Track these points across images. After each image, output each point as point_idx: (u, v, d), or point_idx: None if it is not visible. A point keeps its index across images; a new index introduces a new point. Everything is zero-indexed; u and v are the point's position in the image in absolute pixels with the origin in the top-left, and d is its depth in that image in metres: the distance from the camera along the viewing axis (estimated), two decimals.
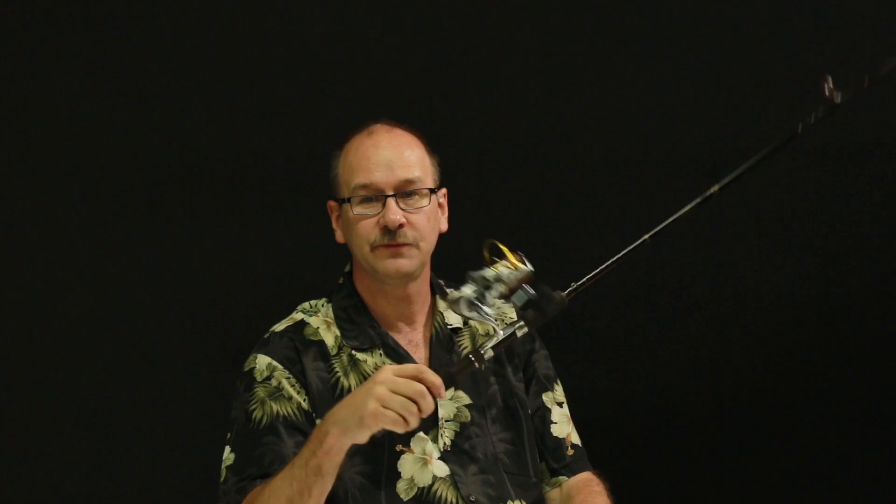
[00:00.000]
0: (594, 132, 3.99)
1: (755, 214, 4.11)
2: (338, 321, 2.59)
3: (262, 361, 2.53)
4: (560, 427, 2.67)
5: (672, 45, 3.97)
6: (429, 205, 2.54)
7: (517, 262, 2.30)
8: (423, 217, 2.53)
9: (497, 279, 2.29)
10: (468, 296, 2.30)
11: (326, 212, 2.62)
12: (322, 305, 2.62)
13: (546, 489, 2.64)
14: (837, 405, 4.13)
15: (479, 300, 2.30)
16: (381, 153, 2.54)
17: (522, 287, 2.30)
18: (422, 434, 2.51)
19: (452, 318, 2.64)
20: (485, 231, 3.77)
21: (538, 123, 3.99)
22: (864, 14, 4.01)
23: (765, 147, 2.37)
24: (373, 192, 2.52)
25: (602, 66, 3.97)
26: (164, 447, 3.84)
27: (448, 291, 2.68)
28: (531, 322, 2.30)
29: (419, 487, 2.49)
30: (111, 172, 3.83)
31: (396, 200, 2.52)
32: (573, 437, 2.69)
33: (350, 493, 2.46)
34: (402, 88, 3.86)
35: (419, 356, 2.58)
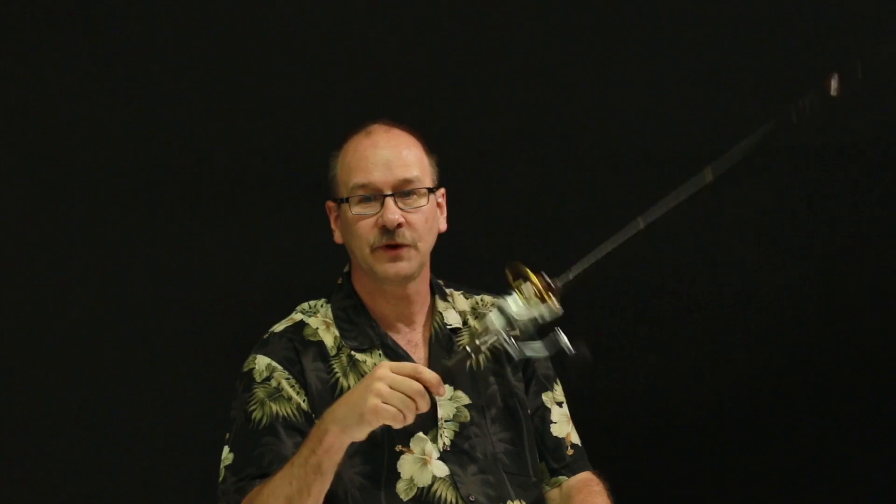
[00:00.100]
0: (594, 132, 3.99)
1: (755, 214, 4.11)
2: (337, 322, 2.58)
3: (262, 362, 2.53)
4: (560, 427, 2.66)
5: (672, 46, 3.97)
6: (427, 204, 2.54)
7: (543, 291, 2.28)
8: (422, 217, 2.53)
9: (523, 317, 2.27)
10: (495, 328, 2.29)
11: (325, 212, 2.62)
12: (321, 306, 2.62)
13: (546, 489, 2.64)
14: (837, 405, 4.12)
15: (507, 332, 2.29)
16: (380, 153, 2.54)
17: (555, 333, 2.28)
18: (421, 434, 2.51)
19: (452, 319, 2.64)
20: (485, 231, 3.78)
21: (538, 123, 3.98)
22: (864, 14, 4.01)
23: (759, 132, 2.35)
24: (371, 192, 2.52)
25: (602, 66, 3.97)
26: (164, 447, 3.84)
27: (448, 292, 2.68)
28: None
29: (419, 488, 2.49)
30: (111, 172, 3.83)
31: (395, 200, 2.51)
32: (573, 437, 2.69)
33: (350, 494, 2.46)
34: (402, 88, 3.86)
35: (418, 356, 2.57)
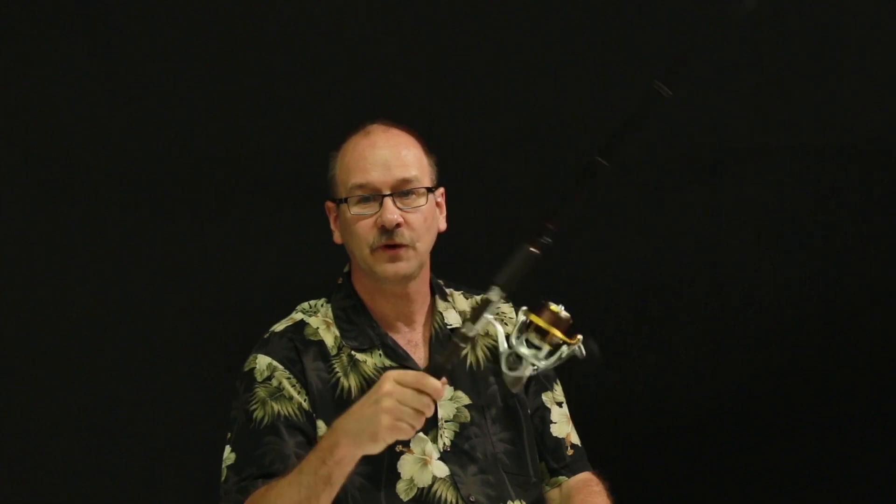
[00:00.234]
0: (594, 132, 3.99)
1: (755, 214, 4.11)
2: (337, 321, 2.58)
3: (263, 361, 2.53)
4: (559, 427, 2.66)
5: (671, 45, 3.97)
6: (426, 204, 2.54)
7: (561, 336, 2.27)
8: (420, 217, 2.53)
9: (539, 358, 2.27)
10: (506, 352, 2.28)
11: (325, 212, 2.62)
12: (321, 305, 2.62)
13: (546, 489, 2.64)
14: (837, 405, 4.12)
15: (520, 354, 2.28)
16: (378, 153, 2.53)
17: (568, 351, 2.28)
18: (421, 434, 2.50)
19: (452, 318, 2.63)
20: (485, 231, 3.78)
21: (538, 123, 3.98)
22: (865, 13, 4.01)
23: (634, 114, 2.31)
24: (370, 192, 2.52)
25: (602, 66, 3.97)
26: (165, 447, 3.84)
27: (448, 292, 2.68)
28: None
29: (419, 488, 2.49)
30: (111, 172, 3.83)
31: (393, 200, 2.51)
32: (573, 437, 2.68)
33: (350, 494, 2.46)
34: (402, 88, 3.86)
35: (418, 356, 2.57)
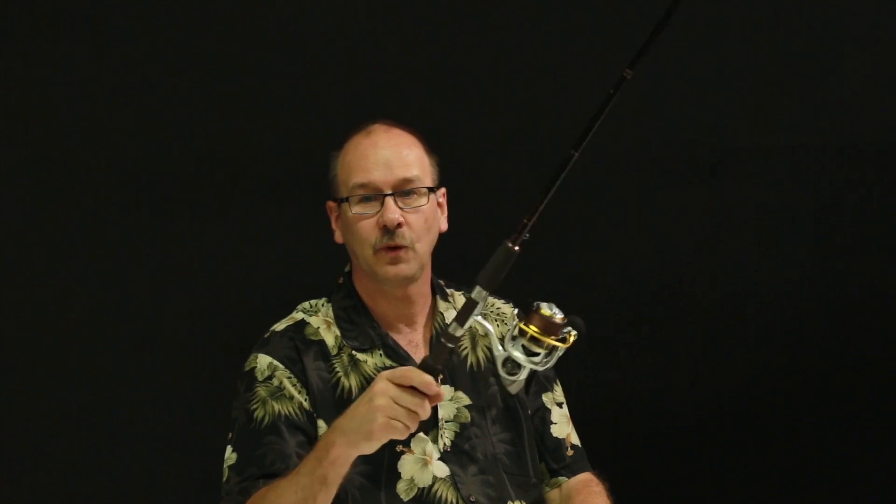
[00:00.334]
0: (594, 133, 3.98)
1: (755, 214, 4.11)
2: (338, 321, 2.58)
3: (263, 361, 2.52)
4: (560, 427, 2.66)
5: (671, 45, 3.96)
6: (427, 204, 2.54)
7: (555, 342, 2.25)
8: (422, 217, 2.53)
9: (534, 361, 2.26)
10: (502, 355, 2.28)
11: (326, 212, 2.61)
12: (322, 305, 2.62)
13: (546, 490, 2.64)
14: (837, 405, 4.12)
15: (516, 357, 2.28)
16: (380, 152, 2.53)
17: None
18: (422, 435, 2.50)
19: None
20: (485, 231, 3.78)
21: (538, 123, 3.98)
22: (865, 13, 4.01)
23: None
24: (371, 192, 2.52)
25: (602, 66, 3.96)
26: (164, 447, 3.84)
27: (449, 292, 2.68)
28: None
29: (419, 488, 2.49)
30: (111, 172, 3.83)
31: (395, 199, 2.51)
32: (573, 438, 2.68)
33: (350, 494, 2.46)
34: (402, 88, 3.86)
35: (419, 356, 2.56)
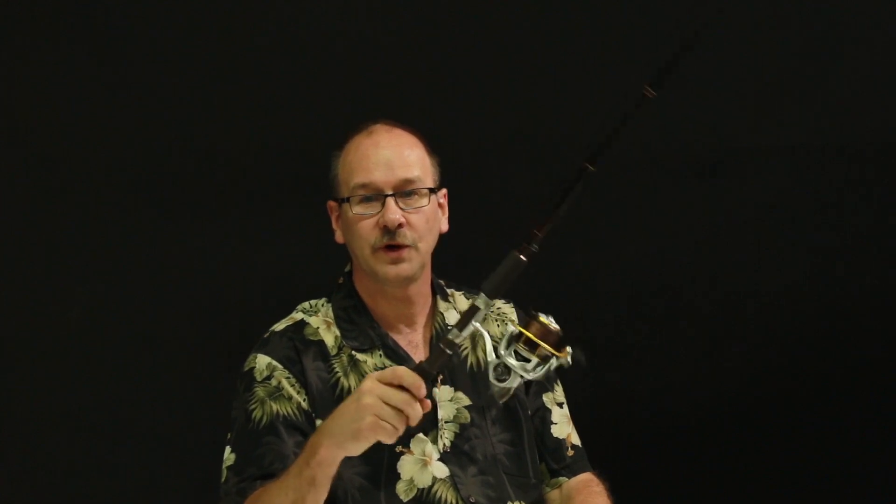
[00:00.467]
0: (594, 134, 3.98)
1: (755, 214, 4.11)
2: (337, 321, 2.58)
3: (262, 361, 2.52)
4: (560, 428, 2.66)
5: (671, 45, 3.96)
6: (428, 205, 2.54)
7: (551, 350, 2.24)
8: (423, 217, 2.53)
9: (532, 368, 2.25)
10: (493, 361, 2.27)
11: (326, 212, 2.62)
12: (322, 305, 2.62)
13: (546, 490, 2.64)
14: (837, 405, 4.12)
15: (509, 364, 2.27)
16: (381, 153, 2.53)
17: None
18: (421, 435, 2.50)
19: (453, 319, 2.63)
20: (485, 231, 3.78)
21: (538, 124, 3.98)
22: (865, 13, 4.01)
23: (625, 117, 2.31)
24: (372, 192, 2.52)
25: (602, 66, 3.97)
26: (164, 447, 3.84)
27: (449, 293, 2.68)
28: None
29: (419, 488, 2.49)
30: (111, 172, 3.83)
31: (396, 200, 2.51)
32: (573, 438, 2.68)
33: (349, 494, 2.46)
34: (402, 88, 3.86)
35: (419, 357, 2.56)
